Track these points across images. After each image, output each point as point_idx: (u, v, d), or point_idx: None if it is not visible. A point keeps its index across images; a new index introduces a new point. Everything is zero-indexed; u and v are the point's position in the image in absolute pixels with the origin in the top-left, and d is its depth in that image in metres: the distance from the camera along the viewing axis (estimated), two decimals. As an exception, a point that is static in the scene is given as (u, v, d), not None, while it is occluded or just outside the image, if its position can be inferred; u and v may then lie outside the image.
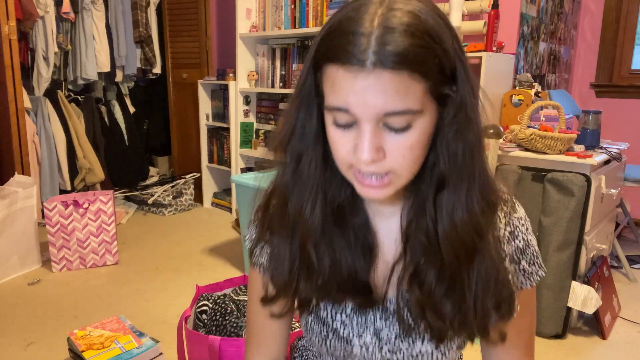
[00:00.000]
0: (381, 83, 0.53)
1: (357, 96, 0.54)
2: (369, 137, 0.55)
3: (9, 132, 2.96)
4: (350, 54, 0.53)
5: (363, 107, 0.54)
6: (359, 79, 0.53)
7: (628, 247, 2.91)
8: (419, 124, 0.56)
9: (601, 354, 1.91)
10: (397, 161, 0.57)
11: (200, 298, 1.41)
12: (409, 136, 0.56)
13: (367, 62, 0.52)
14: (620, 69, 3.35)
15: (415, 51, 0.52)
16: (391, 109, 0.54)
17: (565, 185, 1.91)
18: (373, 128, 0.55)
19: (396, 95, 0.53)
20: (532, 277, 0.71)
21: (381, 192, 0.60)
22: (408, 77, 0.53)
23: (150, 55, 3.87)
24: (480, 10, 2.53)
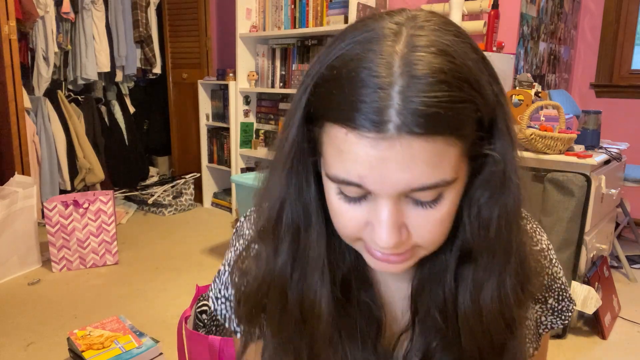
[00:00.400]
0: (409, 154, 0.40)
1: (374, 170, 0.41)
2: (389, 218, 0.43)
3: (9, 132, 2.96)
4: (364, 114, 0.39)
5: (382, 183, 0.41)
6: (378, 149, 0.40)
7: (628, 247, 2.91)
8: (450, 194, 0.44)
9: (601, 354, 1.91)
10: (423, 237, 0.45)
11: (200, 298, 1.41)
12: (439, 210, 0.44)
13: (389, 126, 0.39)
14: (620, 69, 3.35)
15: (452, 107, 0.39)
16: (420, 184, 0.41)
17: (565, 185, 1.91)
18: (394, 204, 0.43)
19: (427, 167, 0.40)
20: (563, 314, 0.62)
21: (400, 267, 0.48)
22: (443, 142, 0.40)
23: (150, 55, 3.87)
24: (480, 10, 2.54)
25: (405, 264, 0.48)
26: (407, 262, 0.48)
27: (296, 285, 0.52)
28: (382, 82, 0.39)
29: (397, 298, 0.57)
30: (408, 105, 0.38)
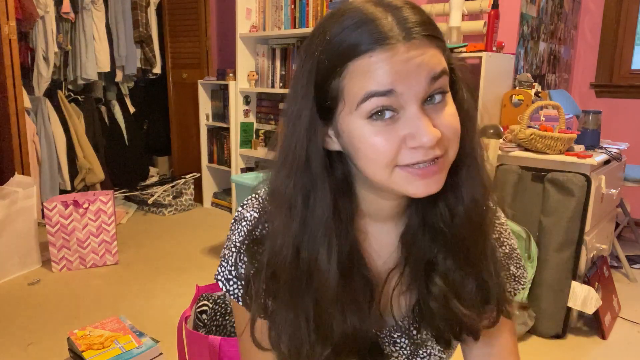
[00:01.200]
0: (420, 52, 0.52)
1: (401, 72, 0.52)
2: (423, 117, 0.53)
3: (9, 132, 2.96)
4: (379, 35, 0.52)
5: (408, 80, 0.52)
6: (398, 53, 0.52)
7: (628, 247, 2.91)
8: (449, 97, 0.57)
9: (601, 354, 1.91)
10: (449, 137, 0.55)
11: (200, 298, 1.41)
12: (449, 107, 0.56)
13: (399, 37, 0.52)
14: (620, 69, 3.35)
15: (428, 20, 0.55)
16: (434, 71, 0.53)
17: (565, 185, 1.91)
18: (420, 108, 0.53)
19: (433, 57, 0.53)
20: (521, 280, 0.71)
21: (439, 181, 0.56)
22: (435, 44, 0.54)
23: (150, 55, 3.87)
24: (480, 10, 2.54)
25: (441, 177, 0.56)
26: (441, 173, 0.56)
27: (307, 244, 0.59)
28: (380, 16, 0.53)
29: (387, 264, 0.66)
30: (404, 23, 0.53)
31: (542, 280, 1.96)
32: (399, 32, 0.52)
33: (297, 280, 0.59)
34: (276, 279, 0.60)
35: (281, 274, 0.60)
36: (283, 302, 0.61)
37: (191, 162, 3.98)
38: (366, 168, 0.57)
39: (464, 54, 2.39)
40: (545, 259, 1.95)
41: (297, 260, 0.59)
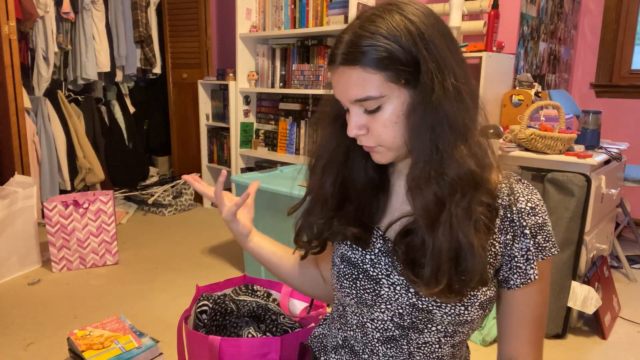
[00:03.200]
0: (342, 78, 0.69)
1: (336, 88, 0.72)
2: (352, 118, 0.72)
3: (9, 132, 2.96)
4: (331, 57, 0.71)
5: (341, 96, 0.72)
6: (334, 74, 0.71)
7: (628, 247, 2.91)
8: (387, 106, 0.69)
9: (601, 354, 1.91)
10: (378, 136, 0.72)
11: (200, 298, 1.41)
12: (380, 116, 0.70)
13: (336, 60, 0.69)
14: (620, 69, 3.35)
15: (362, 48, 0.67)
16: (354, 96, 0.69)
17: (565, 185, 1.91)
18: (356, 111, 0.72)
19: (356, 86, 0.68)
20: (545, 251, 0.77)
21: (377, 157, 0.76)
22: (361, 71, 0.67)
23: (150, 55, 3.87)
24: (480, 10, 2.53)
25: (379, 156, 0.75)
26: (379, 154, 0.75)
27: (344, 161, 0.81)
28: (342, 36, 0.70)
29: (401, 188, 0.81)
30: (342, 48, 0.68)
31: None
32: (336, 55, 0.69)
33: (331, 166, 0.83)
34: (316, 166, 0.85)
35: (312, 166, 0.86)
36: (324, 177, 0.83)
37: (191, 162, 3.98)
38: None
39: (464, 54, 2.39)
40: (545, 259, 1.95)
41: (336, 160, 0.82)
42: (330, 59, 0.71)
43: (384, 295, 0.78)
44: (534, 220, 0.75)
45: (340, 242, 0.84)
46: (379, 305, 0.78)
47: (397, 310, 0.77)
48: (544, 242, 0.77)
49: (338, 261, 0.83)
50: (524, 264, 0.76)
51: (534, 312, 0.79)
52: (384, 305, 0.78)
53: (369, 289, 0.79)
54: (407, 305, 0.76)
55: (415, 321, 0.77)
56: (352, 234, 0.80)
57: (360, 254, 0.81)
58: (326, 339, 0.93)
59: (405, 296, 0.76)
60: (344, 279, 0.81)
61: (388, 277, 0.78)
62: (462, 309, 0.74)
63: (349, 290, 0.81)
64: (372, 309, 0.79)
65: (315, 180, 0.84)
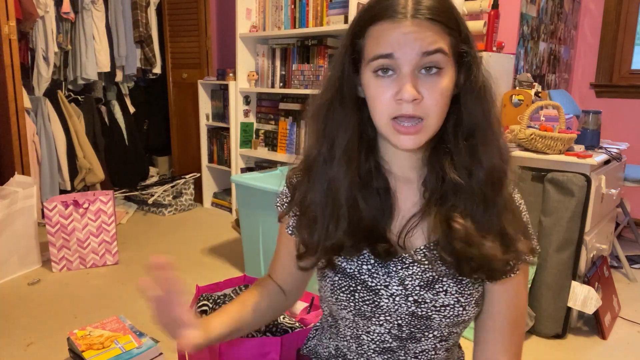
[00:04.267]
0: (419, 29, 0.66)
1: (400, 40, 0.66)
2: (410, 78, 0.67)
3: (9, 132, 2.96)
4: (394, 10, 0.67)
5: (405, 49, 0.66)
6: (402, 26, 0.66)
7: (628, 247, 2.91)
8: (447, 70, 0.68)
9: (601, 354, 1.91)
10: (431, 105, 0.68)
11: (200, 298, 1.41)
12: (441, 80, 0.68)
13: (407, 14, 0.66)
14: (620, 69, 3.35)
15: (442, 9, 0.67)
16: (427, 47, 0.66)
17: (565, 185, 1.91)
18: (412, 71, 0.67)
19: (430, 38, 0.66)
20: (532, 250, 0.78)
21: (415, 139, 0.69)
22: (440, 28, 0.67)
23: (150, 55, 3.87)
24: (480, 10, 2.54)
25: (419, 137, 0.69)
26: (419, 134, 0.69)
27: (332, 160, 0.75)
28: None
29: (406, 195, 0.78)
30: (418, 5, 0.66)
31: (542, 280, 1.96)
32: (409, 10, 0.66)
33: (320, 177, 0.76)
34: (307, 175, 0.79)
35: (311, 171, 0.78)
36: (311, 193, 0.77)
37: (191, 162, 3.98)
38: (373, 114, 0.72)
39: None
40: (545, 259, 1.95)
41: (324, 166, 0.76)
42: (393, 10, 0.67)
43: (383, 307, 0.76)
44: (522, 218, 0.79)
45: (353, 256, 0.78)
46: (377, 317, 0.76)
47: (396, 321, 0.76)
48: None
49: (332, 273, 0.79)
50: None
51: (512, 313, 0.78)
52: (383, 317, 0.76)
53: (368, 301, 0.76)
54: (406, 314, 0.75)
55: (414, 331, 0.76)
56: (384, 250, 0.75)
57: (357, 264, 0.77)
58: (318, 348, 0.92)
59: (405, 305, 0.75)
60: (339, 291, 0.77)
61: (387, 288, 0.76)
62: (460, 309, 0.74)
63: (347, 302, 0.77)
64: (369, 321, 0.77)
65: (322, 182, 0.76)
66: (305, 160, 0.80)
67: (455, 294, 0.74)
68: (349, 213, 0.74)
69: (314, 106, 0.77)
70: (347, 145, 0.74)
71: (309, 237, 0.77)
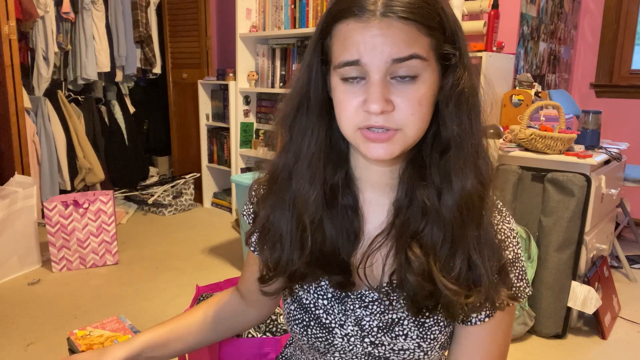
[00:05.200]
0: (390, 31, 0.56)
1: (367, 44, 0.56)
2: (378, 87, 0.57)
3: (9, 132, 2.96)
4: (361, 6, 0.57)
5: (373, 54, 0.56)
6: (369, 27, 0.56)
7: (628, 247, 2.91)
8: (425, 77, 0.58)
9: (601, 354, 1.91)
10: (406, 115, 0.58)
11: (200, 298, 1.41)
12: (417, 88, 0.58)
13: (377, 12, 0.56)
14: (620, 69, 3.35)
15: (420, 3, 0.57)
16: (398, 54, 0.56)
17: (565, 185, 1.91)
18: (382, 79, 0.57)
19: (403, 42, 0.56)
20: (519, 292, 0.68)
21: (388, 149, 0.60)
22: (415, 28, 0.57)
23: (150, 55, 3.87)
24: (480, 10, 2.53)
25: (392, 147, 0.59)
26: (393, 144, 0.59)
27: (297, 173, 0.66)
28: None
29: (374, 221, 0.69)
30: (392, 1, 0.56)
31: (542, 280, 1.96)
32: (378, 7, 0.56)
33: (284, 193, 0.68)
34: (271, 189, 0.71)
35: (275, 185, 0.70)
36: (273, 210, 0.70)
37: (191, 162, 3.98)
38: (339, 122, 0.62)
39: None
40: (545, 259, 1.95)
41: (289, 181, 0.68)
42: (361, 7, 0.57)
43: (337, 345, 0.70)
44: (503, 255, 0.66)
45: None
46: (332, 353, 0.72)
47: (352, 359, 0.71)
48: (517, 281, 0.68)
49: (289, 300, 0.74)
50: None
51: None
52: (338, 354, 0.71)
53: (321, 338, 0.71)
54: (362, 354, 0.70)
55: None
56: (336, 282, 0.68)
57: (313, 296, 0.71)
58: (293, 358, 0.90)
59: (360, 346, 0.69)
60: (294, 323, 0.73)
61: (342, 327, 0.70)
62: (421, 354, 0.67)
63: (300, 336, 0.73)
64: (325, 356, 0.73)
65: (287, 197, 0.68)
66: (271, 171, 0.72)
67: (416, 338, 0.67)
68: (312, 237, 0.66)
69: (280, 113, 0.69)
70: (312, 156, 0.65)
71: (272, 261, 0.70)
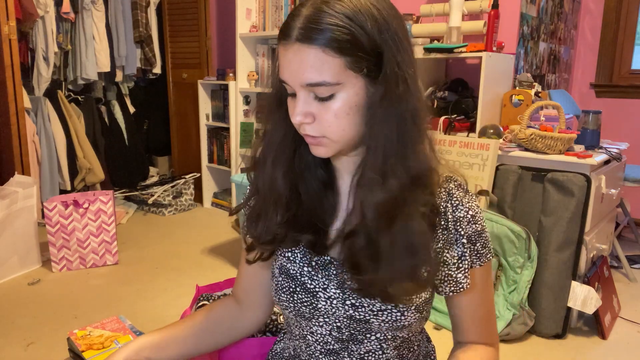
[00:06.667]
0: (300, 56, 0.62)
1: (287, 68, 0.64)
2: (298, 104, 0.65)
3: (9, 132, 2.96)
4: (284, 32, 0.64)
5: (291, 77, 0.64)
6: (287, 52, 0.64)
7: (628, 247, 2.91)
8: (341, 95, 0.64)
9: (601, 354, 1.91)
10: (325, 127, 0.66)
11: (200, 298, 1.41)
12: (332, 104, 0.64)
13: (292, 37, 0.62)
14: (620, 69, 3.35)
15: (328, 23, 0.61)
16: (309, 80, 0.63)
17: (565, 185, 1.91)
18: (304, 96, 0.65)
19: (312, 68, 0.62)
20: (483, 257, 0.77)
21: (321, 151, 0.69)
22: (322, 52, 0.61)
23: (150, 55, 3.87)
24: (480, 10, 2.53)
25: (322, 149, 0.69)
26: (322, 147, 0.68)
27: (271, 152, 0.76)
28: (298, 13, 0.63)
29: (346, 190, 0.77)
30: (301, 22, 0.62)
31: (542, 280, 1.96)
32: (294, 33, 0.62)
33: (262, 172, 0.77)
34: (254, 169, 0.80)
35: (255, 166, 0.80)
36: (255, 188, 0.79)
37: (191, 162, 3.98)
38: None
39: (464, 54, 2.39)
40: (545, 259, 1.95)
41: (264, 162, 0.77)
42: (284, 32, 0.63)
43: (321, 309, 0.76)
44: (473, 228, 0.75)
45: (283, 252, 0.80)
46: (317, 318, 0.77)
47: (334, 323, 0.76)
48: (481, 249, 0.77)
49: (277, 272, 0.81)
50: (455, 271, 0.75)
51: (476, 314, 0.79)
52: (322, 318, 0.76)
53: (306, 302, 0.77)
54: (344, 317, 0.75)
55: (354, 333, 0.75)
56: (308, 241, 0.76)
57: (299, 266, 0.78)
58: (284, 352, 0.92)
59: (342, 309, 0.75)
60: (281, 292, 0.79)
61: (325, 291, 0.76)
62: (398, 314, 0.73)
63: (287, 303, 0.78)
64: (310, 322, 0.78)
65: (264, 176, 0.77)
66: (252, 155, 0.81)
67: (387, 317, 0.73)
68: (286, 206, 0.75)
69: (259, 106, 0.80)
70: (279, 139, 0.74)
71: (254, 230, 0.79)
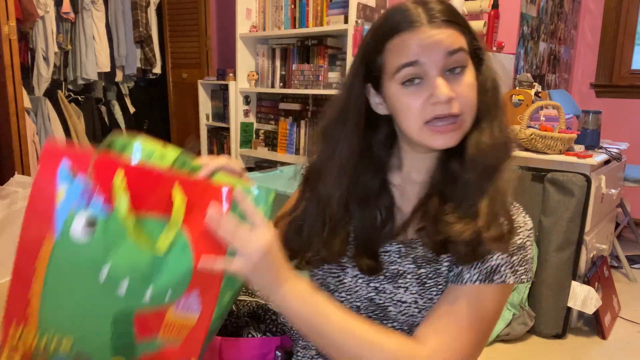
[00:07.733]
0: (440, 31, 0.69)
1: (423, 46, 0.68)
2: (439, 83, 0.68)
3: (9, 132, 2.96)
4: (409, 20, 0.69)
5: (429, 52, 0.68)
6: (421, 32, 0.69)
7: (628, 247, 2.91)
8: (470, 68, 0.71)
9: (601, 354, 1.91)
10: (465, 101, 0.69)
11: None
12: (466, 77, 0.70)
13: (423, 21, 0.69)
14: (620, 69, 3.35)
15: (452, 11, 0.71)
16: (450, 47, 0.68)
17: (565, 185, 1.91)
18: (440, 74, 0.69)
19: (450, 38, 0.69)
20: (516, 275, 0.72)
21: (453, 136, 0.70)
22: (453, 29, 0.70)
23: (150, 55, 3.87)
24: (480, 10, 2.54)
25: (456, 134, 0.70)
26: (456, 132, 0.70)
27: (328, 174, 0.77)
28: (411, 8, 0.70)
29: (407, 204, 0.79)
30: (429, 12, 0.70)
31: (542, 280, 1.96)
32: (424, 17, 0.69)
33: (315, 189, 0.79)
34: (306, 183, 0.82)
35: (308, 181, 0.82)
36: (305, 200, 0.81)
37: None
38: (403, 124, 0.72)
39: (464, 54, 2.39)
40: (545, 259, 1.95)
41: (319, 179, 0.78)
42: (419, 19, 0.69)
43: (346, 284, 0.79)
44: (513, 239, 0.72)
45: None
46: (340, 292, 0.80)
47: (355, 302, 0.79)
48: (518, 266, 0.72)
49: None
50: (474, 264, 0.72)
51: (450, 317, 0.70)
52: (345, 294, 0.79)
53: (334, 274, 0.80)
54: (365, 298, 0.77)
55: (372, 316, 0.78)
56: (366, 266, 0.77)
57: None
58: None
59: (365, 289, 0.78)
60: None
61: (353, 268, 0.79)
62: (416, 310, 0.74)
63: (316, 270, 0.82)
64: (332, 295, 0.80)
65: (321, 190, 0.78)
66: (307, 169, 0.83)
67: (415, 293, 0.75)
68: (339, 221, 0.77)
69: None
70: (343, 159, 0.76)
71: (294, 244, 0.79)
